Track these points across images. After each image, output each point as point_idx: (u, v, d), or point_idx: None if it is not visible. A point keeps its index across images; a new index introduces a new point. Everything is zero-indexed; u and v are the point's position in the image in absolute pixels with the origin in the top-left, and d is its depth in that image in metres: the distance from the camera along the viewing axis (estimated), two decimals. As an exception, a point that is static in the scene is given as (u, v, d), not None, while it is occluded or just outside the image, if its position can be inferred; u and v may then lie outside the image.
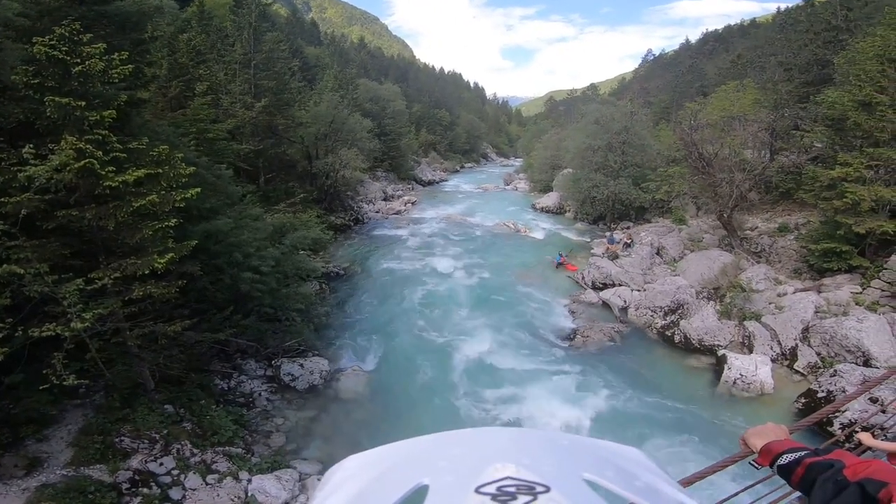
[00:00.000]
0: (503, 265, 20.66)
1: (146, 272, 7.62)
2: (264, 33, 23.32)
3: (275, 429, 10.01)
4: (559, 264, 20.18)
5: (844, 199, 14.15)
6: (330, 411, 10.81)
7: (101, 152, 7.36)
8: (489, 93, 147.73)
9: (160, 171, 8.25)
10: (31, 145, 7.15)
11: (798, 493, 1.17)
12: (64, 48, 7.38)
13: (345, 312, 15.79)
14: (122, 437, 8.15)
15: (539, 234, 26.80)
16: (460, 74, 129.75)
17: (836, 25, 24.60)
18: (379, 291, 17.62)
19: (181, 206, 8.39)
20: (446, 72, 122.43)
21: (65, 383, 6.85)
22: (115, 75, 7.98)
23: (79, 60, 7.47)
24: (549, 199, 34.27)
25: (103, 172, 7.31)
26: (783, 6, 60.36)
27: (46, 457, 7.55)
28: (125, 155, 7.80)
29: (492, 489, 0.39)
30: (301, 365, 11.69)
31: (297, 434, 9.98)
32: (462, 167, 68.71)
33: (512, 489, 0.39)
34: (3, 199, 6.63)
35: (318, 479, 6.49)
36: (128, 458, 7.85)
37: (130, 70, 8.33)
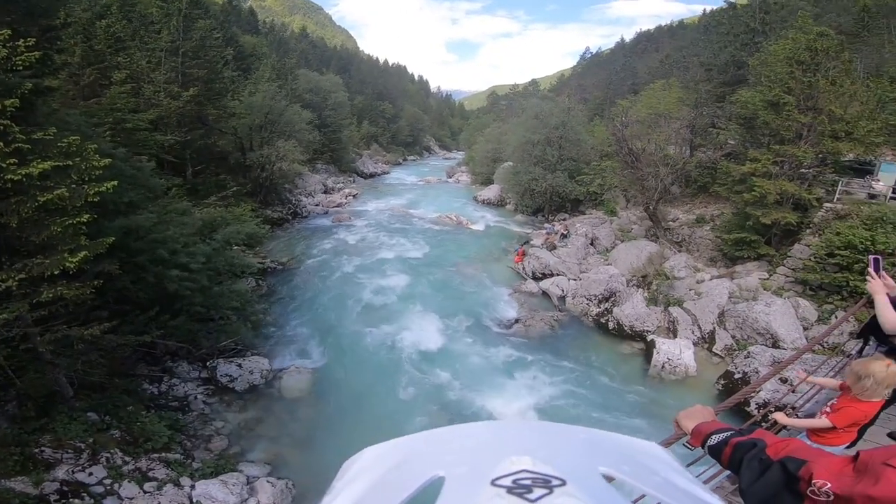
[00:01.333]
0: (446, 257, 20.88)
1: (56, 272, 7.01)
2: (195, 20, 21.90)
3: (215, 432, 9.57)
4: (522, 255, 20.44)
5: (753, 193, 15.57)
6: (273, 411, 10.48)
7: (1, 143, 6.68)
8: (433, 86, 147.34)
9: (70, 163, 7.58)
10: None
11: (729, 472, 1.22)
12: None
13: (284, 309, 15.31)
14: (43, 448, 7.56)
15: (481, 226, 27.29)
16: (405, 67, 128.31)
17: (753, 28, 26.28)
18: (319, 286, 17.24)
19: (95, 200, 7.77)
20: (391, 64, 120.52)
21: None
22: (20, 62, 7.27)
23: None
24: (491, 192, 34.92)
25: (4, 165, 6.64)
26: (709, 9, 64.41)
27: None
28: (29, 146, 7.12)
29: (507, 482, 0.39)
30: (239, 365, 11.23)
31: (239, 436, 9.61)
32: (405, 160, 68.28)
33: (528, 482, 0.39)
34: None
35: (268, 481, 6.29)
36: (52, 469, 7.27)
37: (37, 57, 7.61)
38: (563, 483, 0.38)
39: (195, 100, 20.24)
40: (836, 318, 12.59)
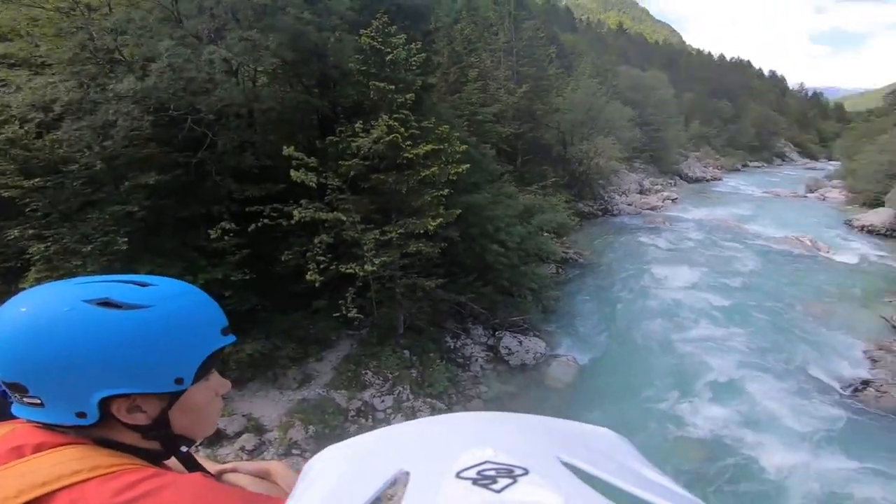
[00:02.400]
0: (783, 288, 16.47)
1: (420, 232, 9.03)
2: (523, 21, 24.32)
3: (477, 395, 10.48)
4: None
5: None
6: (531, 394, 10.78)
7: (403, 129, 9.01)
8: (792, 82, 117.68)
9: (442, 147, 9.59)
10: (361, 122, 9.28)
11: None
12: (379, 39, 9.21)
13: (575, 301, 15.39)
14: (367, 370, 9.56)
15: (849, 258, 20.21)
16: (748, 62, 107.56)
17: None
18: (614, 286, 16.51)
19: (453, 179, 9.58)
20: (727, 58, 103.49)
21: (349, 315, 8.62)
22: (414, 62, 9.57)
23: (389, 50, 9.22)
24: (877, 217, 25.51)
25: (404, 146, 8.93)
26: None
27: (316, 375, 9.29)
28: (419, 132, 9.35)
29: (472, 473, 0.38)
30: (520, 342, 11.98)
31: (493, 405, 10.19)
32: (745, 166, 57.85)
33: (492, 473, 0.38)
34: (342, 163, 8.84)
35: None
36: (363, 390, 9.18)
37: (423, 58, 9.83)
38: (526, 472, 0.38)
39: (527, 95, 22.65)
40: None
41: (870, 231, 24.86)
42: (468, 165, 9.95)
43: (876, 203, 27.74)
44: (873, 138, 35.52)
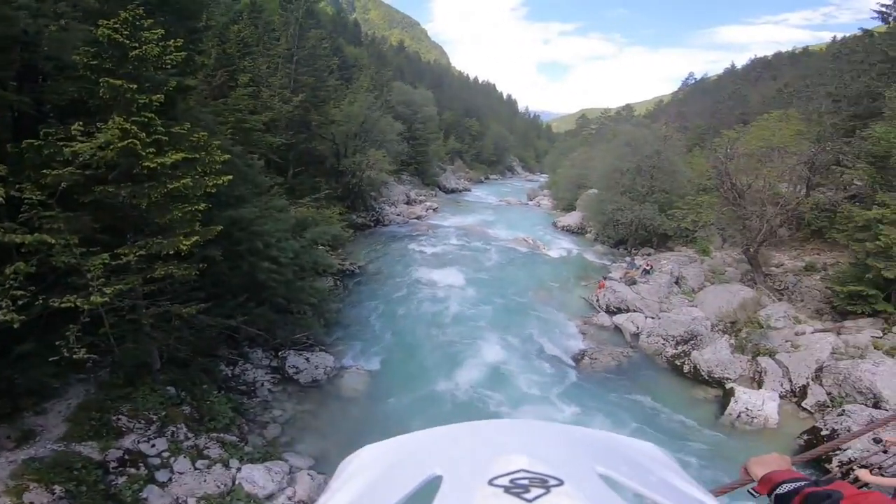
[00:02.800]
0: (517, 280, 20.59)
1: (170, 252, 7.91)
2: (309, 30, 23.98)
3: (272, 420, 10.06)
4: (601, 286, 19.63)
5: (878, 242, 13.66)
6: (329, 407, 10.89)
7: (144, 134, 7.71)
8: (521, 106, 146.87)
9: (197, 156, 8.58)
10: (80, 123, 7.58)
11: None
12: (125, 32, 7.77)
13: (356, 311, 15.97)
14: (120, 416, 8.16)
15: (557, 253, 26.57)
16: (494, 85, 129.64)
17: (893, 57, 23.25)
18: (391, 294, 17.78)
19: (212, 191, 8.71)
20: (480, 81, 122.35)
21: (75, 356, 6.92)
22: (169, 61, 8.35)
23: (137, 45, 7.86)
24: (571, 219, 33.90)
25: (144, 153, 7.65)
26: (839, 35, 58.27)
27: (41, 430, 7.55)
28: (167, 138, 8.14)
29: (505, 481, 0.39)
30: (307, 359, 11.84)
31: (293, 427, 10.01)
32: (487, 178, 68.57)
33: (525, 482, 0.38)
34: (44, 172, 7.02)
35: (308, 474, 6.52)
36: (121, 437, 7.86)
37: (182, 57, 8.67)
38: (561, 483, 0.38)
39: (303, 105, 22.04)
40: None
41: (568, 230, 32.77)
42: (231, 177, 9.16)
43: (570, 207, 36.92)
44: (568, 155, 47.27)
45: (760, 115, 31.04)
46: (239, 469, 8.04)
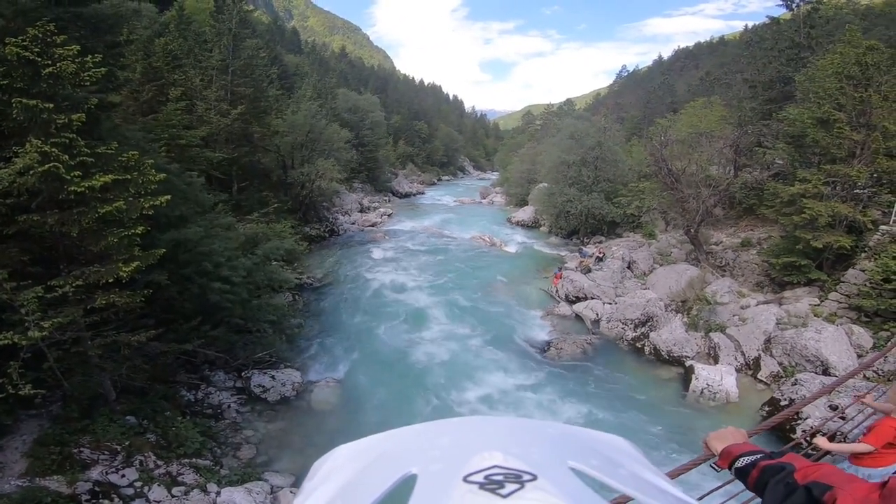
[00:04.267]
0: (478, 278, 20.78)
1: (110, 280, 7.40)
2: (244, 40, 23.08)
3: (244, 441, 9.77)
4: (560, 277, 20.08)
5: (803, 215, 14.82)
6: (302, 423, 10.61)
7: (67, 156, 7.17)
8: (468, 106, 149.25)
9: (129, 177, 8.06)
10: (-7, 148, 6.94)
11: (757, 498, 1.18)
12: (36, 49, 7.21)
13: (318, 324, 15.57)
14: (82, 449, 7.84)
15: (514, 248, 27.08)
16: (440, 87, 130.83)
17: (798, 43, 25.29)
18: (353, 303, 17.47)
19: (149, 213, 8.21)
20: (426, 84, 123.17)
21: (20, 393, 6.57)
22: (87, 78, 7.81)
23: (50, 62, 7.30)
24: (525, 213, 34.67)
25: (68, 177, 7.11)
26: (750, 24, 63.08)
27: (0, 466, 7.22)
28: (92, 160, 7.62)
29: (479, 478, 0.39)
30: (272, 377, 11.46)
31: (268, 446, 9.77)
32: (439, 180, 68.98)
33: (499, 477, 0.39)
34: (-42, 203, 6.38)
35: (291, 492, 6.34)
36: (87, 470, 7.54)
37: (103, 73, 8.15)
38: (534, 478, 0.38)
39: (242, 117, 21.16)
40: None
41: (522, 224, 33.52)
42: (169, 197, 8.65)
43: (523, 203, 37.75)
44: (517, 151, 48.26)
45: (687, 102, 33.18)
46: (218, 493, 7.76)
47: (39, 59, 7.23)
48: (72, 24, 9.20)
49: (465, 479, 0.39)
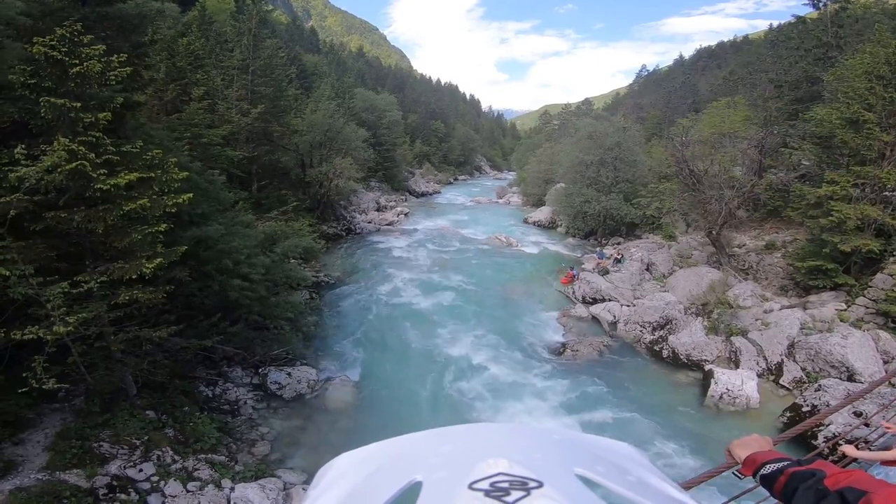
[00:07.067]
0: (494, 278, 20.69)
1: (133, 277, 7.55)
2: (264, 39, 23.40)
3: (259, 437, 9.89)
4: (570, 277, 19.96)
5: (830, 218, 14.36)
6: (316, 421, 10.70)
7: (93, 154, 7.32)
8: (484, 105, 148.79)
9: (153, 175, 8.20)
10: (23, 146, 7.13)
11: None
12: (63, 49, 7.38)
13: (334, 322, 15.69)
14: (101, 443, 8.01)
15: (531, 249, 26.89)
16: (457, 86, 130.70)
17: (826, 42, 24.56)
18: (369, 301, 17.55)
19: (172, 211, 8.35)
20: (443, 83, 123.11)
21: (44, 387, 6.74)
22: (113, 77, 7.97)
23: (77, 62, 7.47)
24: (542, 214, 34.39)
25: (95, 175, 7.26)
26: (775, 23, 61.58)
27: (21, 460, 7.39)
28: (118, 158, 7.76)
29: (485, 485, 0.39)
30: (288, 374, 11.59)
31: (282, 443, 9.87)
32: (456, 179, 68.94)
33: (505, 485, 0.38)
34: (-8, 200, 6.57)
35: (303, 489, 6.41)
36: (106, 464, 7.70)
37: (128, 72, 8.31)
38: (540, 485, 0.38)
39: (262, 117, 21.49)
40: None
41: (539, 225, 33.32)
42: (192, 195, 8.80)
43: (540, 203, 37.46)
44: (534, 151, 47.88)
45: (710, 102, 32.48)
46: (233, 489, 7.88)
47: (67, 59, 7.39)
48: (98, 24, 9.40)
49: (470, 487, 0.38)
